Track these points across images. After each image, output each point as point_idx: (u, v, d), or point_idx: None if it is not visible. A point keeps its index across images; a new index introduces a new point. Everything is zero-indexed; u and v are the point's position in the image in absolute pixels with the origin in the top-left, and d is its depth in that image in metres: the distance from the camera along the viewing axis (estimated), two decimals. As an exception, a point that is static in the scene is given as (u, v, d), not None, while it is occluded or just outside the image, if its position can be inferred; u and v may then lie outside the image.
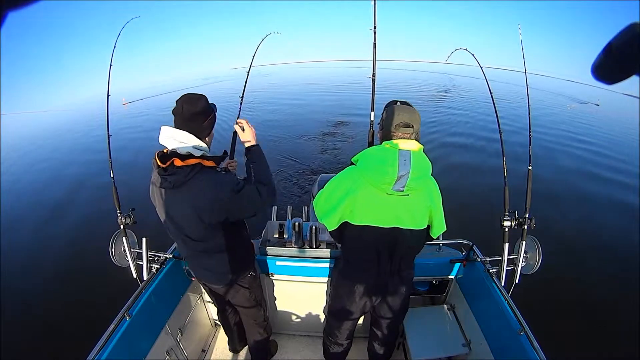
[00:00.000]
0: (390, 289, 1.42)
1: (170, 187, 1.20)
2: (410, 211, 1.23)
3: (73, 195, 5.89)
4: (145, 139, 9.55)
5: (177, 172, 1.18)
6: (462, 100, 17.51)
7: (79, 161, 8.17)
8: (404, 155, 1.15)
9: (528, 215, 1.72)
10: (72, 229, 4.67)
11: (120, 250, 1.77)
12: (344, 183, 1.25)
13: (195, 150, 1.21)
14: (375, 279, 1.37)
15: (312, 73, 53.90)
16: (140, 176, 5.62)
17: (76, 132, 12.70)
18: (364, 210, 1.23)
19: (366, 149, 1.27)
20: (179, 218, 1.28)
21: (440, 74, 44.88)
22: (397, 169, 1.14)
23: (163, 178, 1.20)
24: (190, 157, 1.20)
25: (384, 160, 1.16)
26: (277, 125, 10.58)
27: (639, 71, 0.26)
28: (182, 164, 1.18)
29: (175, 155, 1.19)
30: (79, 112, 21.97)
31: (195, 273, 1.58)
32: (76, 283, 3.46)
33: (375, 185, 1.19)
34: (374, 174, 1.18)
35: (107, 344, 1.32)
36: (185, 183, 1.20)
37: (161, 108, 18.52)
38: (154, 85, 56.57)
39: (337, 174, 1.32)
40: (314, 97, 18.80)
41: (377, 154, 1.20)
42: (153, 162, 1.24)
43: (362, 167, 1.22)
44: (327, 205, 1.28)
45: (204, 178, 1.22)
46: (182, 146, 1.19)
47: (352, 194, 1.22)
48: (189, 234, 1.31)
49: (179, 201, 1.24)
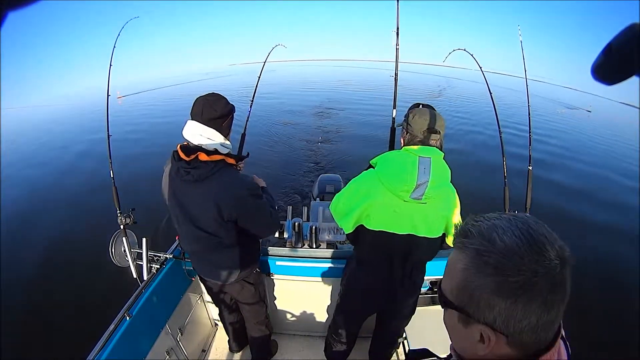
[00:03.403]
0: (400, 294, 1.40)
1: (192, 181, 1.22)
2: (427, 219, 1.21)
3: (73, 194, 5.89)
4: (145, 139, 9.56)
5: (201, 166, 1.21)
6: (460, 100, 17.62)
7: (78, 161, 8.17)
8: (424, 163, 1.13)
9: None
10: (72, 229, 4.67)
11: (120, 250, 1.77)
12: (362, 187, 1.23)
13: (223, 147, 1.25)
14: (386, 284, 1.36)
15: (311, 71, 54.03)
16: (139, 176, 5.66)
17: (73, 130, 12.61)
18: (381, 216, 1.21)
19: (386, 153, 1.24)
20: (196, 211, 1.30)
21: (438, 76, 45.02)
22: (416, 177, 1.12)
23: (186, 171, 1.22)
24: (215, 153, 1.23)
25: (403, 167, 1.14)
26: (277, 124, 10.57)
27: (639, 71, 0.26)
28: (207, 159, 1.20)
29: (201, 149, 1.21)
30: (72, 109, 21.85)
31: (201, 271, 1.57)
32: (76, 283, 3.46)
33: (393, 191, 1.16)
34: (393, 180, 1.15)
35: (107, 344, 1.32)
36: (208, 177, 1.22)
37: (158, 101, 18.50)
38: (150, 80, 56.58)
39: (355, 177, 1.30)
40: (313, 95, 18.80)
41: (397, 160, 1.18)
42: (173, 154, 1.26)
43: (380, 172, 1.19)
44: (345, 208, 1.27)
45: (229, 174, 1.26)
46: (210, 142, 1.21)
47: (370, 198, 1.20)
48: (204, 228, 1.32)
49: (199, 195, 1.26)
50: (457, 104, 16.55)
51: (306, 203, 3.00)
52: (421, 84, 31.11)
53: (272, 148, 8.06)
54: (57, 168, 7.68)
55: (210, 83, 35.84)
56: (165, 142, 8.31)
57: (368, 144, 8.18)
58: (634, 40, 0.25)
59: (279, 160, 7.10)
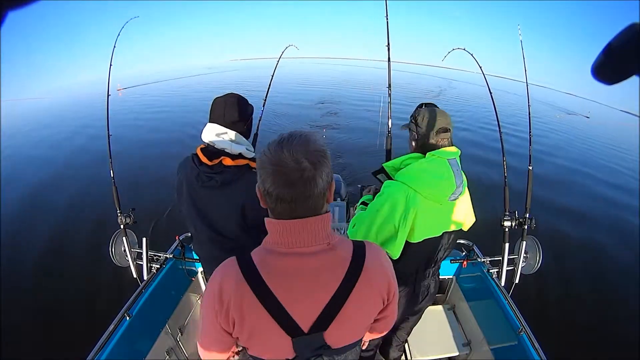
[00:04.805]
0: (419, 301, 1.39)
1: (216, 186, 1.17)
2: (457, 215, 1.23)
3: (73, 194, 5.88)
4: (145, 138, 9.54)
5: (225, 171, 1.15)
6: (459, 100, 17.63)
7: (78, 159, 8.15)
8: (454, 164, 1.15)
9: (528, 215, 1.72)
10: (71, 229, 4.66)
11: (120, 250, 1.77)
12: (399, 207, 1.12)
13: (248, 152, 1.20)
14: (410, 294, 1.34)
15: (311, 69, 54.05)
16: (140, 176, 5.65)
17: (69, 126, 12.49)
18: (424, 226, 1.16)
19: (414, 165, 1.16)
20: (219, 217, 1.25)
21: (438, 77, 45.13)
22: (454, 181, 1.13)
23: (208, 176, 1.16)
24: (240, 157, 1.18)
25: (441, 175, 1.12)
26: (277, 124, 10.57)
27: (639, 71, 0.26)
28: (232, 164, 1.15)
29: (225, 154, 1.16)
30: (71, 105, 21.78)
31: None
32: (76, 283, 3.46)
33: (436, 200, 1.14)
34: (434, 190, 1.12)
35: (107, 344, 1.32)
36: (233, 182, 1.17)
37: (159, 93, 18.33)
38: (150, 74, 56.47)
39: (382, 198, 1.16)
40: (315, 92, 18.78)
41: (430, 169, 1.13)
42: (193, 158, 1.20)
43: (417, 185, 1.12)
44: (386, 234, 1.16)
45: (255, 178, 1.22)
46: (235, 146, 1.16)
47: (410, 214, 1.12)
48: (226, 233, 1.27)
49: (222, 199, 1.21)
50: (457, 104, 16.66)
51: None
52: (420, 85, 31.13)
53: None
54: (55, 166, 7.67)
55: (214, 77, 35.81)
56: (167, 139, 8.32)
57: (368, 144, 8.17)
58: (634, 40, 0.25)
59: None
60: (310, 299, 0.64)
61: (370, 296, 0.69)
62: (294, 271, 0.63)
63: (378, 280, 0.69)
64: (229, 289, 0.64)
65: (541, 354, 1.30)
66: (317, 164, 0.59)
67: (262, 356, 0.69)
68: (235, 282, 0.63)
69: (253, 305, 0.62)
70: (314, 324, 0.64)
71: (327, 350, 0.69)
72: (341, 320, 0.66)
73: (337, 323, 0.65)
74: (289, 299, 0.63)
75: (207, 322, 0.68)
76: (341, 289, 0.64)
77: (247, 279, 0.63)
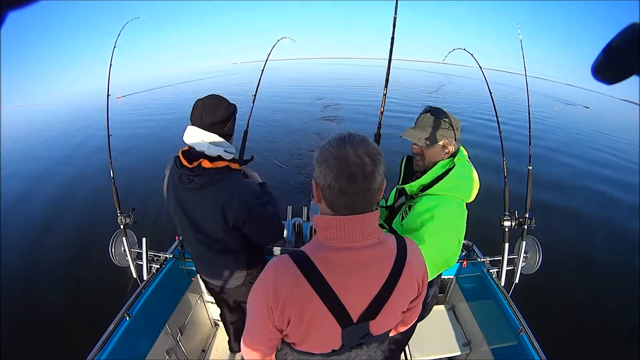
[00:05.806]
0: (426, 309, 1.40)
1: (196, 189, 1.18)
2: None
3: (72, 194, 5.88)
4: (145, 139, 9.55)
5: (204, 174, 1.16)
6: (458, 99, 17.62)
7: (78, 159, 8.16)
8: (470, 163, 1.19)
9: (528, 215, 1.72)
10: (71, 229, 4.66)
11: (120, 250, 1.77)
12: (460, 223, 1.12)
13: (227, 154, 1.20)
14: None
15: (310, 69, 54.01)
16: (140, 176, 5.65)
17: (72, 130, 12.53)
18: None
19: (454, 174, 1.11)
20: (200, 218, 1.26)
21: (437, 73, 45.17)
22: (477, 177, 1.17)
23: (189, 178, 1.17)
24: (219, 159, 1.18)
25: (471, 176, 1.16)
26: (276, 123, 10.56)
27: (639, 71, 0.26)
28: (211, 166, 1.16)
29: (204, 156, 1.17)
30: (72, 110, 21.79)
31: (206, 275, 1.51)
32: (76, 283, 3.46)
33: (469, 200, 1.17)
34: (471, 191, 1.16)
35: (107, 344, 1.32)
36: (213, 184, 1.18)
37: (159, 100, 18.29)
38: (151, 80, 56.40)
39: (446, 223, 1.08)
40: (313, 92, 18.78)
41: (465, 172, 1.15)
42: (175, 160, 1.21)
43: (462, 193, 1.13)
44: (455, 251, 1.12)
45: (234, 181, 1.21)
46: (213, 149, 1.16)
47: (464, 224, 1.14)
48: (209, 234, 1.29)
49: (203, 202, 1.22)
50: (455, 99, 16.66)
51: (306, 202, 3.00)
52: (419, 82, 31.13)
53: (270, 145, 8.01)
54: (54, 166, 7.67)
55: (215, 81, 35.83)
56: (167, 140, 8.32)
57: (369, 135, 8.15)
58: (634, 40, 0.25)
59: (279, 159, 7.08)
60: (362, 290, 0.67)
61: (410, 286, 0.74)
62: (348, 264, 0.66)
63: (417, 271, 0.74)
64: (285, 284, 0.65)
65: (541, 354, 1.30)
66: (376, 161, 0.63)
67: (313, 350, 0.72)
68: (291, 277, 0.65)
69: (311, 297, 0.64)
70: (362, 314, 0.68)
71: (369, 338, 0.73)
72: (386, 310, 0.70)
73: (382, 313, 0.70)
74: (344, 291, 0.66)
75: (258, 322, 0.70)
76: (389, 280, 0.68)
77: (304, 273, 0.65)
